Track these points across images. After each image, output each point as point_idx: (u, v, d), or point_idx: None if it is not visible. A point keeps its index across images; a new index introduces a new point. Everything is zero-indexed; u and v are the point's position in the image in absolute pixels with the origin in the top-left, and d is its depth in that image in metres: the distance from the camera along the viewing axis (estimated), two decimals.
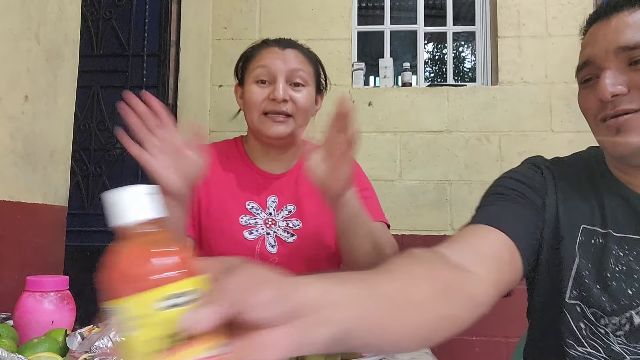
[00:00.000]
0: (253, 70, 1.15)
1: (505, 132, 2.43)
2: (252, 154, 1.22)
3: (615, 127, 0.73)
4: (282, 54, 1.14)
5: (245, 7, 2.59)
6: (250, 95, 1.14)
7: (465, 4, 2.96)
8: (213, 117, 2.56)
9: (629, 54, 0.72)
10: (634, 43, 0.71)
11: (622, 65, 0.73)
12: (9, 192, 1.21)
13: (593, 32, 0.77)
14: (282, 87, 1.11)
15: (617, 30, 0.73)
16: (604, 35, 0.75)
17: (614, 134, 0.73)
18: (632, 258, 0.73)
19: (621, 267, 0.74)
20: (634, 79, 0.72)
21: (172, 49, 2.56)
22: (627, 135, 0.72)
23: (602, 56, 0.74)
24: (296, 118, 1.14)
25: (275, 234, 1.14)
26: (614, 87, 0.72)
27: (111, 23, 2.59)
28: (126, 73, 2.56)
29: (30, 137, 1.28)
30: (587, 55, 0.77)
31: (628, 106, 0.72)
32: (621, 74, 0.72)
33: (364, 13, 3.80)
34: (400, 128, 2.49)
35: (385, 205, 1.26)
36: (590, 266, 0.76)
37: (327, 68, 1.27)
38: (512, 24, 2.51)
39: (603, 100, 0.73)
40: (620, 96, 0.72)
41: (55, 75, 1.40)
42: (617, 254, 0.74)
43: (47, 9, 1.35)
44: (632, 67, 0.72)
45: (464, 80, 4.89)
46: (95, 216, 2.49)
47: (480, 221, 0.73)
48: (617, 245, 0.75)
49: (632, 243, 0.74)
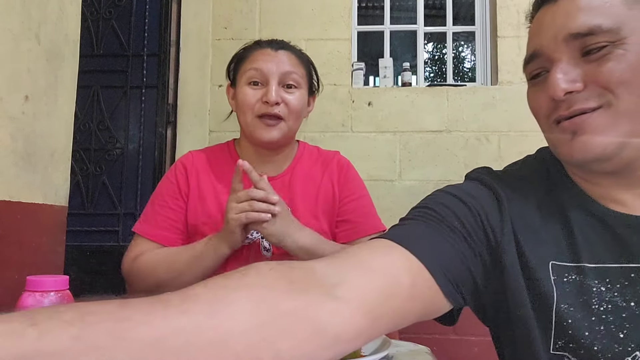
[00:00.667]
0: (245, 72, 1.14)
1: (505, 132, 2.43)
2: (244, 157, 1.21)
3: (571, 129, 0.61)
4: (275, 55, 1.14)
5: (245, 7, 2.60)
6: (243, 97, 1.13)
7: (465, 4, 2.97)
8: (213, 117, 2.56)
9: (581, 42, 0.60)
10: (587, 29, 0.59)
11: (575, 56, 0.61)
12: (9, 192, 1.21)
13: (540, 17, 0.65)
14: (274, 89, 1.11)
15: (567, 14, 0.61)
16: (551, 21, 0.63)
17: (570, 137, 0.61)
18: (616, 293, 0.59)
19: (606, 306, 0.59)
20: (590, 72, 0.59)
21: (172, 48, 2.56)
22: (585, 139, 0.60)
23: (551, 46, 0.62)
24: (288, 120, 1.14)
25: None
26: (567, 83, 0.60)
27: (111, 23, 2.60)
28: (126, 73, 2.56)
29: (30, 137, 1.29)
30: (535, 46, 0.65)
31: (584, 105, 0.60)
32: (574, 67, 0.61)
33: (363, 13, 3.80)
34: (400, 128, 2.49)
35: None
36: (573, 310, 0.60)
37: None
38: (512, 24, 2.51)
39: (555, 98, 0.61)
40: (574, 93, 0.60)
41: (56, 76, 1.40)
42: (598, 290, 0.60)
43: (47, 9, 1.35)
44: (586, 57, 0.60)
45: (464, 80, 4.89)
46: (95, 216, 2.50)
47: (389, 236, 0.58)
48: (596, 279, 0.60)
49: (613, 274, 0.60)
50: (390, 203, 2.40)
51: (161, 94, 2.53)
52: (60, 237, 1.45)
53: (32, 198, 1.30)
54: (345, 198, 1.20)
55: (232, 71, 1.21)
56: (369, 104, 2.52)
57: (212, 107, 2.57)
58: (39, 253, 1.33)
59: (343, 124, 2.50)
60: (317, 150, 1.28)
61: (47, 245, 1.37)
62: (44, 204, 1.35)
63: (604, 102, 0.59)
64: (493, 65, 2.58)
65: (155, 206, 1.18)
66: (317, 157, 1.25)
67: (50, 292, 0.82)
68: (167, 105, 2.53)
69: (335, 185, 1.20)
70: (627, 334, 0.58)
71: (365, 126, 2.50)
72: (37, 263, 1.31)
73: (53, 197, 1.40)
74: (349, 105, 2.51)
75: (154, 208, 1.18)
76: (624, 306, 0.58)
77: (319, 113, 2.40)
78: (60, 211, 1.44)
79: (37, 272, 0.92)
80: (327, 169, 1.22)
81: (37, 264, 1.31)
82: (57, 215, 1.43)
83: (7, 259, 1.19)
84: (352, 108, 2.51)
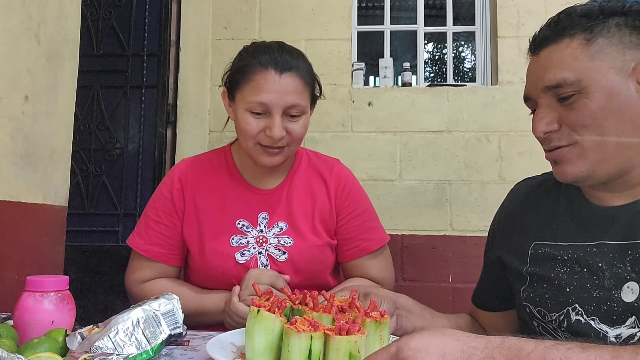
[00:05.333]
0: (247, 100, 1.06)
1: (505, 132, 2.43)
2: (241, 166, 1.19)
3: (552, 159, 0.78)
4: (279, 83, 1.04)
5: (245, 7, 2.59)
6: (245, 125, 1.06)
7: (465, 4, 2.96)
8: (213, 117, 2.56)
9: (554, 92, 0.74)
10: (555, 82, 0.73)
11: (552, 102, 0.75)
12: (9, 192, 1.21)
13: (530, 65, 0.80)
14: (278, 124, 1.04)
15: (544, 68, 0.76)
16: (533, 72, 0.79)
17: (554, 164, 0.79)
18: (575, 261, 0.78)
19: (565, 269, 0.78)
20: (564, 115, 0.74)
21: (172, 48, 2.56)
22: (562, 167, 0.76)
23: (534, 92, 0.78)
24: (292, 146, 1.10)
25: (267, 251, 1.13)
26: (545, 125, 0.76)
27: (111, 23, 2.60)
28: (126, 73, 2.56)
29: (30, 137, 1.28)
30: (526, 91, 0.81)
31: (558, 143, 0.76)
32: (552, 110, 0.75)
33: (363, 13, 3.80)
34: (400, 128, 2.49)
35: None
36: (538, 270, 0.82)
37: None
38: (512, 24, 2.51)
39: (536, 137, 0.78)
40: (551, 133, 0.76)
41: (56, 76, 1.40)
42: (562, 258, 0.79)
43: (47, 9, 1.35)
44: (560, 102, 0.74)
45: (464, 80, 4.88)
46: (95, 216, 2.50)
47: None
48: (562, 251, 0.80)
49: (576, 248, 0.78)
50: (390, 203, 2.40)
51: (161, 94, 2.52)
52: (60, 237, 1.45)
53: (31, 198, 1.30)
54: (347, 215, 1.19)
55: (229, 83, 1.13)
56: (369, 104, 2.52)
57: (212, 107, 2.57)
58: (39, 253, 1.32)
59: (343, 124, 2.50)
60: (316, 157, 1.24)
61: (47, 246, 1.36)
62: (44, 204, 1.35)
63: (573, 141, 0.74)
64: (493, 65, 2.58)
65: (150, 221, 1.17)
66: (315, 167, 1.22)
67: (50, 292, 0.82)
68: (167, 105, 2.53)
69: (333, 200, 1.18)
70: (572, 289, 0.77)
71: (365, 126, 2.49)
72: (37, 263, 1.31)
73: (53, 197, 1.40)
74: (349, 105, 2.51)
75: (148, 223, 1.17)
76: (578, 270, 0.77)
77: (319, 113, 2.40)
78: (60, 211, 1.44)
79: (37, 272, 0.92)
80: (326, 183, 1.19)
81: (37, 264, 1.30)
82: (57, 216, 1.42)
83: (7, 259, 1.19)
84: (352, 108, 2.51)
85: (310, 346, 0.63)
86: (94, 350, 0.68)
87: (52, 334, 0.76)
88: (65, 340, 0.74)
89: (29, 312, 0.80)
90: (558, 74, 0.73)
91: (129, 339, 0.72)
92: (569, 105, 0.73)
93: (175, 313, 0.80)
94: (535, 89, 0.78)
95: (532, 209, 0.89)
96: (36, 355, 0.67)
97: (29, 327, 0.79)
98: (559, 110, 0.75)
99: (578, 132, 0.73)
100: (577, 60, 0.72)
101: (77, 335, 0.73)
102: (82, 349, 0.70)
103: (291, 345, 0.63)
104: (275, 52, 1.08)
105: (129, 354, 0.69)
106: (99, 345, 0.69)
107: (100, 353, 0.68)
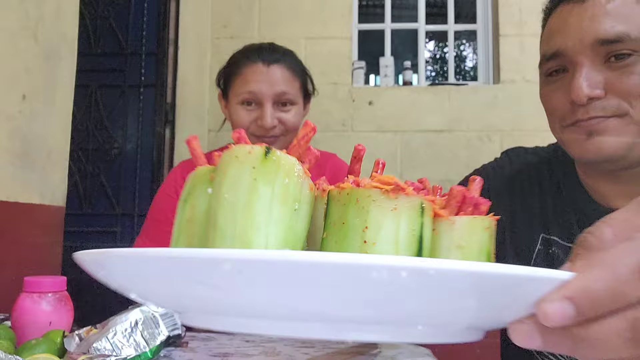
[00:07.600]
0: (238, 93, 1.11)
1: (507, 131, 2.42)
2: None
3: (587, 130, 0.64)
4: (267, 73, 1.09)
5: (244, 5, 2.58)
6: (237, 117, 1.11)
7: (467, 2, 2.95)
8: (212, 116, 2.55)
9: (607, 48, 0.61)
10: (615, 35, 0.60)
11: (598, 61, 0.62)
12: (6, 192, 1.20)
13: (563, 15, 0.65)
14: (269, 113, 1.08)
15: (594, 18, 0.61)
16: (577, 23, 0.63)
17: (585, 137, 0.64)
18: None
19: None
20: (612, 80, 0.62)
21: (170, 47, 2.55)
22: (599, 140, 0.63)
23: (576, 48, 0.63)
24: (286, 136, 1.12)
25: None
26: (590, 89, 0.61)
27: (109, 21, 2.58)
28: (124, 72, 2.55)
29: (27, 137, 1.27)
30: (558, 46, 0.65)
31: (602, 113, 0.62)
32: (598, 72, 0.62)
33: (364, 11, 3.79)
34: (401, 127, 2.48)
35: None
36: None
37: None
38: (514, 23, 2.50)
39: (577, 103, 0.62)
40: (595, 99, 0.62)
41: (53, 74, 1.39)
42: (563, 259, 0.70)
43: (45, 8, 1.34)
44: (609, 63, 0.62)
45: (466, 79, 4.88)
46: (92, 216, 2.48)
47: None
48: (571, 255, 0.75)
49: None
50: None
51: (159, 93, 2.51)
52: (58, 237, 1.44)
53: (29, 198, 1.29)
54: None
55: (222, 83, 1.18)
56: (370, 103, 2.51)
57: (211, 106, 2.56)
58: (37, 254, 1.31)
59: (343, 123, 2.49)
60: None
61: (44, 246, 1.35)
62: (41, 204, 1.34)
63: (622, 112, 0.62)
64: (495, 64, 2.57)
65: (158, 223, 1.15)
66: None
67: (48, 293, 0.81)
68: (165, 105, 2.51)
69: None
70: None
71: (366, 125, 2.48)
72: (35, 264, 1.30)
73: (50, 198, 1.38)
74: (350, 105, 2.50)
75: (156, 225, 1.15)
76: None
77: (319, 112, 2.39)
78: (58, 211, 1.43)
79: (35, 273, 0.91)
80: (320, 174, 1.19)
81: (35, 264, 1.29)
82: (55, 216, 1.41)
83: (4, 260, 1.18)
84: (353, 107, 2.50)
85: (422, 228, 0.34)
86: (92, 352, 0.68)
87: (50, 335, 0.75)
88: (63, 341, 0.73)
89: (26, 313, 0.79)
90: (618, 26, 0.60)
91: (127, 340, 0.71)
92: (621, 68, 0.61)
93: (174, 314, 0.79)
94: (578, 44, 0.62)
95: (536, 188, 0.77)
96: (34, 357, 0.66)
97: (26, 328, 0.78)
98: (605, 73, 0.62)
99: (631, 102, 0.61)
100: (639, 16, 0.61)
101: (75, 336, 0.72)
102: (80, 350, 0.69)
103: (375, 222, 0.33)
104: (264, 49, 1.14)
105: (127, 356, 0.68)
106: (97, 346, 0.68)
107: (98, 354, 0.67)
